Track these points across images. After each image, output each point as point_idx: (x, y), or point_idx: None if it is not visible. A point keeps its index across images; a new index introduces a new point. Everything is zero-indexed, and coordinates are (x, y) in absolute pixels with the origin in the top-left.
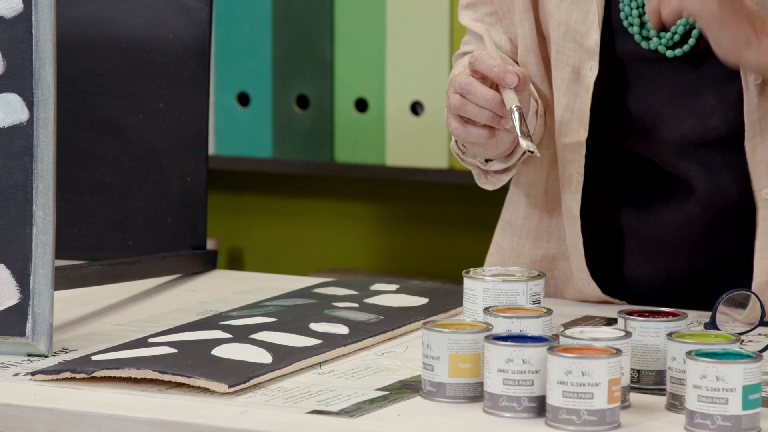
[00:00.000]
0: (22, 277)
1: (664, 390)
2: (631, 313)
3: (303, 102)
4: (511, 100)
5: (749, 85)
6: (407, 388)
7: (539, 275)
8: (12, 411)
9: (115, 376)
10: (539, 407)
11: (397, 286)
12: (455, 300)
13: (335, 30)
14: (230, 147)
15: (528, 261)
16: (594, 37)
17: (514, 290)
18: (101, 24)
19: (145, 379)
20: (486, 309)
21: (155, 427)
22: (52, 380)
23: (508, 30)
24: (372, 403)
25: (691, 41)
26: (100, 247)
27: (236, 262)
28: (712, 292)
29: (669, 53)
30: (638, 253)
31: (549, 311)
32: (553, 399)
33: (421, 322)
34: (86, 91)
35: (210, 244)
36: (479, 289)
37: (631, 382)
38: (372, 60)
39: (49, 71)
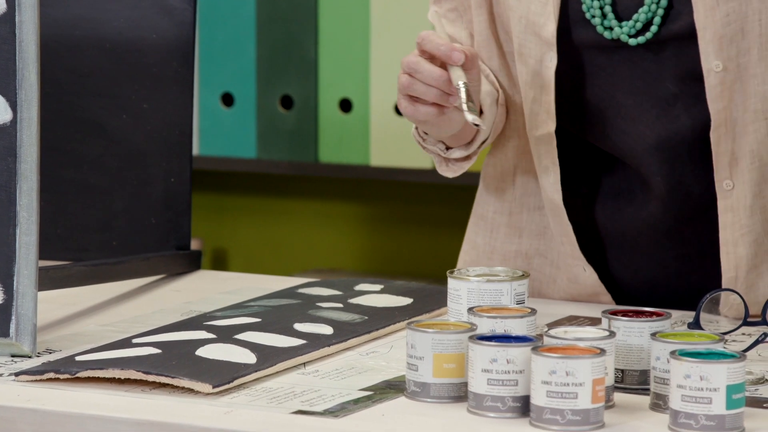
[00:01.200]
0: (6, 278)
1: (648, 390)
2: (615, 312)
3: (287, 102)
4: (458, 76)
5: (710, 73)
6: (392, 388)
7: (523, 275)
8: None
9: (99, 377)
10: (523, 407)
11: (382, 287)
12: (439, 300)
13: (319, 30)
14: (214, 147)
15: (501, 256)
16: (550, 28)
17: (498, 290)
18: (85, 24)
19: (129, 379)
20: (470, 309)
21: (139, 428)
22: (36, 381)
23: (469, 26)
24: (356, 404)
25: (653, 28)
26: (83, 247)
27: (220, 263)
28: (680, 291)
29: (632, 41)
30: (606, 251)
31: (533, 311)
32: (538, 399)
33: (406, 322)
34: (70, 92)
35: (194, 245)
36: (463, 289)
37: (615, 381)
38: (356, 60)
39: (32, 72)
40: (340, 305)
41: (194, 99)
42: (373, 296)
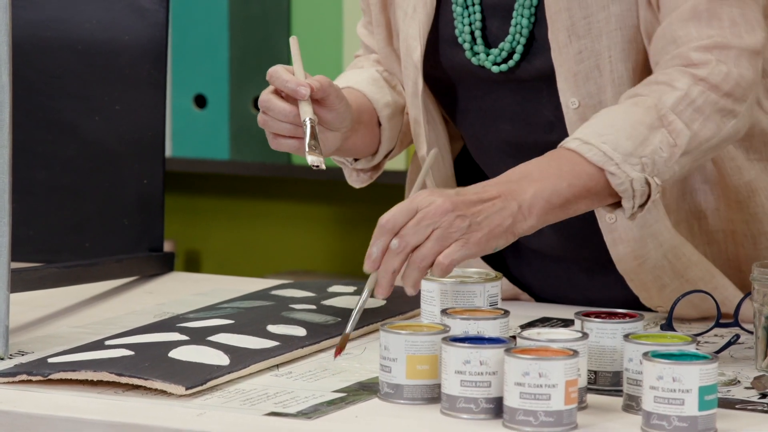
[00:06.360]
0: None
1: (621, 391)
2: (587, 314)
3: None
4: (305, 112)
5: (568, 110)
6: (365, 389)
7: (496, 277)
8: None
9: (71, 379)
10: (497, 408)
11: (355, 288)
12: (413, 302)
13: (292, 31)
14: (187, 149)
15: None
16: (418, 52)
17: (471, 292)
18: (57, 26)
19: (101, 381)
20: (443, 311)
21: (112, 430)
22: (8, 383)
23: None
24: (329, 405)
25: (516, 56)
26: (56, 249)
27: (193, 264)
28: (591, 300)
29: (495, 69)
30: (516, 259)
31: (506, 313)
32: (511, 400)
33: (379, 323)
34: (42, 93)
35: (167, 246)
36: (436, 290)
37: (588, 383)
38: (329, 62)
39: (4, 73)
40: (313, 307)
41: (167, 100)
42: (346, 298)
